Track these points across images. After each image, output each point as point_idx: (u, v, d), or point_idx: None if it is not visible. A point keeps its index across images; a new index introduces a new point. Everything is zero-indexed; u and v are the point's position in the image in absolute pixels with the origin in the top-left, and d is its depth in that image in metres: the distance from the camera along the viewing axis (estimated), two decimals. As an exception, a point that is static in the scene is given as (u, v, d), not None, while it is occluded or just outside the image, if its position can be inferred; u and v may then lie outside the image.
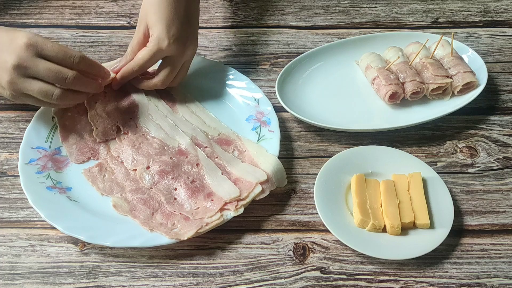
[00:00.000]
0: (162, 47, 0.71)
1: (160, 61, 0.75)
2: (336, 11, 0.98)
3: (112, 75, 0.74)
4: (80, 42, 0.91)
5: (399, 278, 0.63)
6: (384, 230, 0.65)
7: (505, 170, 0.74)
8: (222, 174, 0.69)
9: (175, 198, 0.68)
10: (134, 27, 0.93)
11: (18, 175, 0.68)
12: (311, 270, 0.64)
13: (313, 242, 0.67)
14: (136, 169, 0.70)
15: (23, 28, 0.91)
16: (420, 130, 0.79)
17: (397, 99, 0.79)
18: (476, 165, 0.75)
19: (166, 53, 0.73)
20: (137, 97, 0.77)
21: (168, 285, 0.63)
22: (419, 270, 0.64)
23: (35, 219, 0.68)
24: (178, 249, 0.65)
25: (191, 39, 0.75)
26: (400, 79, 0.80)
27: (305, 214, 0.69)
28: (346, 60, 0.86)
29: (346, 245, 0.64)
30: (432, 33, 0.89)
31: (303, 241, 0.67)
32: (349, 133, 0.77)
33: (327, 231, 0.65)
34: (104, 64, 0.80)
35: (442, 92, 0.80)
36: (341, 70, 0.85)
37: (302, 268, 0.64)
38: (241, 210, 0.66)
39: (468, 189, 0.72)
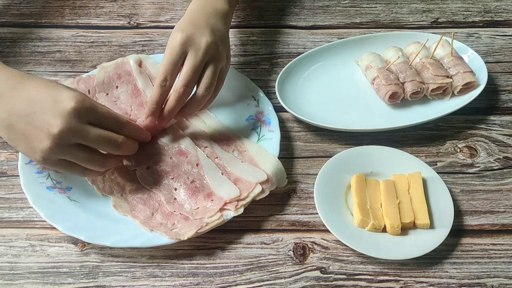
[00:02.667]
0: (210, 49, 0.68)
1: None
2: (336, 11, 0.98)
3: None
4: (80, 42, 0.91)
5: (399, 278, 0.63)
6: (384, 230, 0.65)
7: (505, 170, 0.74)
8: (222, 174, 0.69)
9: (175, 198, 0.68)
10: (134, 27, 0.93)
11: (18, 175, 0.68)
12: (311, 270, 0.64)
13: (313, 242, 0.67)
14: (136, 169, 0.70)
15: (25, 27, 0.91)
16: (420, 130, 0.79)
17: (397, 99, 0.79)
18: (476, 165, 0.75)
19: (206, 57, 0.68)
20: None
21: (168, 285, 0.63)
22: (419, 270, 0.64)
23: (35, 219, 0.68)
24: (178, 249, 0.65)
25: (226, 46, 0.73)
26: (400, 79, 0.80)
27: (305, 214, 0.69)
28: (346, 60, 0.86)
29: (346, 245, 0.64)
30: (432, 33, 0.89)
31: (303, 241, 0.67)
32: (349, 133, 0.77)
33: (327, 231, 0.65)
34: (103, 64, 0.81)
35: (442, 92, 0.80)
36: (341, 70, 0.85)
37: (302, 268, 0.64)
38: (241, 210, 0.66)
39: (468, 189, 0.72)
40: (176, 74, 0.69)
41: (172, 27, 0.92)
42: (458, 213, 0.69)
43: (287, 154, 0.75)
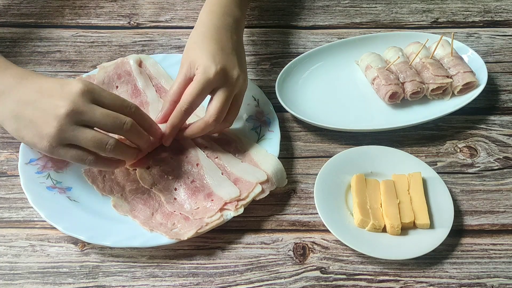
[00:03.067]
0: (210, 75, 0.66)
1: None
2: (336, 11, 0.98)
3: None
4: (80, 42, 0.91)
5: (399, 278, 0.63)
6: (384, 230, 0.65)
7: (505, 170, 0.74)
8: (222, 174, 0.69)
9: (175, 198, 0.68)
10: (134, 27, 0.93)
11: (18, 175, 0.68)
12: (311, 270, 0.64)
13: (313, 242, 0.67)
14: (136, 169, 0.70)
15: (25, 27, 0.92)
16: (420, 130, 0.79)
17: (397, 99, 0.79)
18: (476, 165, 0.75)
19: (215, 83, 0.67)
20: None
21: (168, 285, 0.63)
22: (419, 270, 0.64)
23: (35, 219, 0.68)
24: (178, 249, 0.65)
25: (240, 68, 0.70)
26: (400, 79, 0.80)
27: (305, 214, 0.69)
28: (346, 60, 0.86)
29: (346, 245, 0.64)
30: (432, 33, 0.89)
31: (303, 241, 0.67)
32: (349, 133, 0.77)
33: (327, 231, 0.65)
34: (103, 64, 0.81)
35: (442, 92, 0.80)
36: (341, 70, 0.85)
37: (302, 268, 0.64)
38: (241, 210, 0.66)
39: (468, 189, 0.72)
40: (179, 93, 0.69)
41: (172, 27, 0.93)
42: (458, 213, 0.69)
43: (287, 154, 0.75)
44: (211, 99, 0.69)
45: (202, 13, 0.74)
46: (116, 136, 0.63)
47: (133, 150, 0.66)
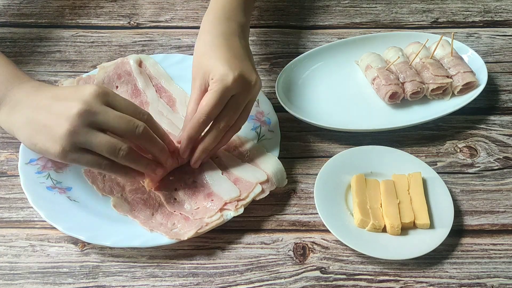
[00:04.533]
0: (228, 83, 0.64)
1: None
2: (336, 11, 0.98)
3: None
4: (80, 42, 0.91)
5: (399, 278, 0.63)
6: (384, 230, 0.65)
7: (505, 170, 0.74)
8: (222, 174, 0.69)
9: (175, 199, 0.68)
10: (134, 27, 0.93)
11: (18, 175, 0.68)
12: (311, 270, 0.64)
13: (313, 242, 0.67)
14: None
15: (25, 27, 0.92)
16: (420, 130, 0.79)
17: (397, 99, 0.79)
18: (476, 165, 0.75)
19: (233, 90, 0.65)
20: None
21: (168, 285, 0.63)
22: (419, 270, 0.64)
23: (35, 219, 0.68)
24: (178, 249, 0.65)
25: (256, 74, 0.68)
26: (400, 79, 0.80)
27: (305, 214, 0.69)
28: (346, 60, 0.86)
29: (346, 245, 0.64)
30: (432, 33, 0.89)
31: (303, 241, 0.67)
32: (349, 133, 0.77)
33: (327, 231, 0.65)
34: (103, 64, 0.81)
35: (442, 92, 0.80)
36: (341, 70, 0.85)
37: (302, 268, 0.64)
38: (241, 210, 0.66)
39: (468, 189, 0.72)
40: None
41: (172, 27, 0.93)
42: (458, 213, 0.69)
43: (287, 154, 0.75)
44: (224, 106, 0.66)
45: (205, 22, 0.71)
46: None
47: (147, 160, 0.64)
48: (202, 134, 0.67)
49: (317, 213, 0.66)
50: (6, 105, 0.63)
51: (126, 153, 0.60)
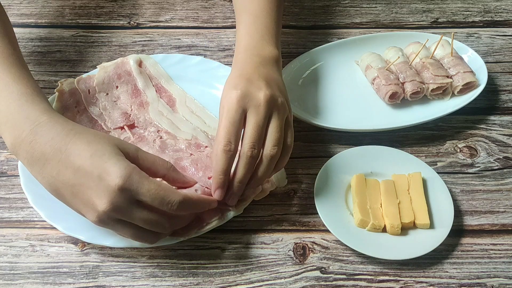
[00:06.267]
0: (270, 102, 0.62)
1: None
2: (336, 11, 0.98)
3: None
4: (80, 42, 0.91)
5: (399, 278, 0.63)
6: (384, 230, 0.65)
7: (505, 170, 0.74)
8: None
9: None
10: (134, 27, 0.93)
11: (18, 175, 0.68)
12: (311, 270, 0.64)
13: (313, 242, 0.67)
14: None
15: (25, 27, 0.91)
16: (420, 130, 0.79)
17: (397, 99, 0.79)
18: (476, 165, 0.75)
19: (270, 109, 0.63)
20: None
21: (168, 285, 0.63)
22: (419, 270, 0.64)
23: (35, 219, 0.68)
24: (178, 249, 0.65)
25: (283, 90, 0.67)
26: (400, 79, 0.80)
27: (305, 214, 0.69)
28: (346, 60, 0.86)
29: (346, 245, 0.64)
30: (432, 33, 0.89)
31: (303, 241, 0.67)
32: (349, 133, 0.77)
33: (327, 231, 0.65)
34: (103, 64, 0.81)
35: (442, 92, 0.80)
36: (341, 70, 0.85)
37: (302, 268, 0.64)
38: (241, 210, 0.66)
39: (468, 189, 0.72)
40: (239, 135, 0.61)
41: (172, 27, 0.93)
42: (458, 213, 0.69)
43: (287, 154, 0.75)
44: (266, 130, 0.62)
45: (237, 56, 0.70)
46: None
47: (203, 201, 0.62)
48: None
49: (317, 213, 0.66)
50: (29, 156, 0.58)
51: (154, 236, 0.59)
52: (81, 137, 0.57)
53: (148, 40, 0.91)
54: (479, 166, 0.75)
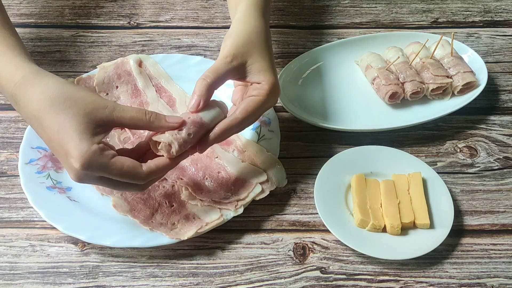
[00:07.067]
0: (275, 101, 0.67)
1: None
2: (336, 11, 0.98)
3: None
4: (80, 42, 0.91)
5: (399, 278, 0.63)
6: (384, 230, 0.65)
7: (505, 170, 0.74)
8: (219, 173, 0.69)
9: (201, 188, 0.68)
10: (134, 27, 0.93)
11: (18, 175, 0.68)
12: (311, 270, 0.64)
13: (313, 242, 0.67)
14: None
15: (25, 27, 0.91)
16: (420, 130, 0.79)
17: (397, 99, 0.79)
18: (476, 165, 0.75)
19: (274, 104, 0.68)
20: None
21: (168, 285, 0.63)
22: (419, 270, 0.64)
23: (35, 219, 0.68)
24: (178, 249, 0.65)
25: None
26: (400, 79, 0.80)
27: (305, 214, 0.69)
28: (346, 60, 0.86)
29: (346, 245, 0.64)
30: (432, 33, 0.89)
31: (303, 241, 0.67)
32: (349, 133, 0.77)
33: (327, 231, 0.65)
34: (103, 64, 0.81)
35: (442, 92, 0.80)
36: (341, 70, 0.85)
37: (302, 268, 0.64)
38: (241, 210, 0.66)
39: (468, 189, 0.72)
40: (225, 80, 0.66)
41: (172, 27, 0.93)
42: (458, 213, 0.69)
43: (287, 154, 0.75)
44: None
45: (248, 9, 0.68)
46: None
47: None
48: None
49: (317, 213, 0.66)
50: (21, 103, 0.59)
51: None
52: (52, 103, 0.57)
53: (148, 40, 0.91)
54: (479, 166, 0.75)
